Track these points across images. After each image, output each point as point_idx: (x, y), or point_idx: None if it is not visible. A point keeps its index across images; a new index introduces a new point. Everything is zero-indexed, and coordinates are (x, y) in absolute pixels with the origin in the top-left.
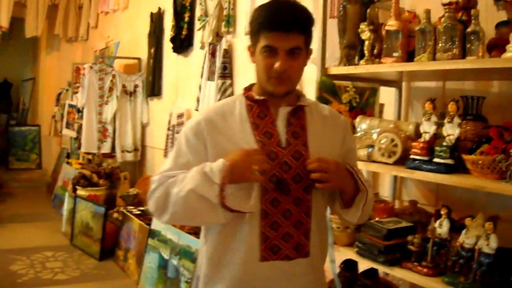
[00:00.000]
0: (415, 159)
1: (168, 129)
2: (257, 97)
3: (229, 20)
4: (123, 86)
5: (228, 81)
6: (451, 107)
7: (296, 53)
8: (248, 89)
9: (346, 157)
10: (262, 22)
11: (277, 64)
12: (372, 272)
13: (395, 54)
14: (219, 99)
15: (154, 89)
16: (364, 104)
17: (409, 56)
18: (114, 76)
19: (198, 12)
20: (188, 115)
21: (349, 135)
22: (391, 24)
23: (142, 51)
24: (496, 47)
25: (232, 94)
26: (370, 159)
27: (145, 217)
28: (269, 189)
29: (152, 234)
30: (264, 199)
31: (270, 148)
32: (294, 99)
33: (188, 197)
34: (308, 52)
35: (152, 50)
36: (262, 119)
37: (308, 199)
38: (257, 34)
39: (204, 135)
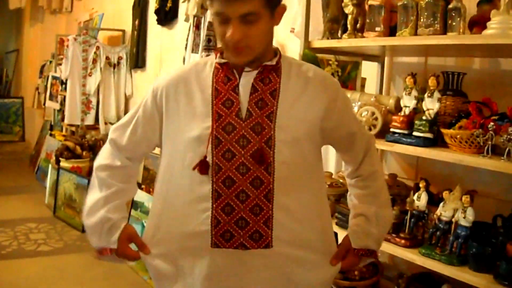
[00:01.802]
0: (395, 133)
1: None
2: (218, 59)
3: None
4: (107, 58)
5: (214, 51)
6: (431, 82)
7: (250, 19)
8: (221, 50)
9: (339, 125)
10: None
11: (228, 33)
12: None
13: (377, 29)
14: None
15: (138, 61)
16: (346, 77)
17: (391, 31)
18: (98, 48)
19: None
20: None
21: (340, 99)
22: None
23: (127, 23)
24: (477, 24)
25: None
26: None
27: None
28: (223, 166)
29: (135, 205)
30: (215, 177)
31: (228, 120)
32: (265, 60)
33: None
34: (277, 11)
35: (137, 22)
36: (225, 84)
37: (270, 180)
38: None
39: (161, 101)
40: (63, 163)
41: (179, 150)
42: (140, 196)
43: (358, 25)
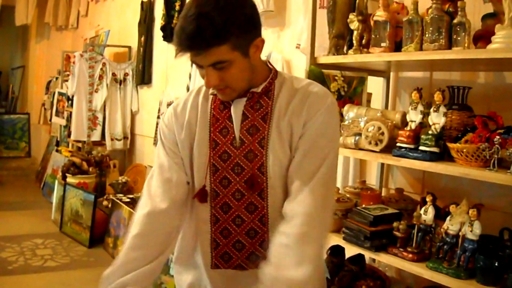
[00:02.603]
0: (401, 147)
1: (158, 117)
2: (211, 90)
3: None
4: (113, 74)
5: None
6: (437, 96)
7: (221, 67)
8: None
9: (301, 139)
10: (176, 42)
11: (204, 79)
12: (359, 258)
13: (383, 44)
14: None
15: (144, 77)
16: (352, 93)
17: (397, 47)
18: (104, 64)
19: (188, 0)
20: None
21: (318, 118)
22: (380, 14)
23: (132, 40)
24: (481, 39)
25: None
26: (357, 147)
27: (134, 204)
28: (220, 193)
29: None
30: (214, 203)
31: (223, 148)
32: (254, 86)
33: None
34: (250, 49)
35: (142, 39)
36: (221, 111)
37: (264, 205)
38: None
39: (173, 128)
40: (70, 179)
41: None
42: None
43: (363, 41)
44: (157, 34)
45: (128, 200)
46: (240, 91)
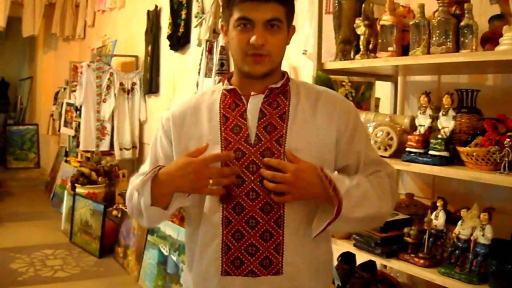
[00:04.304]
0: (410, 152)
1: None
2: (225, 86)
3: None
4: (121, 84)
5: (222, 78)
6: (446, 100)
7: (275, 25)
8: (229, 76)
9: (347, 149)
10: None
11: (253, 38)
12: (370, 264)
13: (390, 49)
14: None
15: (151, 86)
16: (360, 98)
17: (404, 51)
18: (111, 74)
19: (194, 9)
20: None
21: (352, 121)
22: (386, 19)
23: (139, 49)
24: (489, 41)
25: None
26: None
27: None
28: (233, 193)
29: (151, 230)
30: (225, 203)
31: (237, 146)
32: (272, 83)
33: (138, 204)
34: (290, 29)
35: (149, 48)
36: (233, 110)
37: (280, 206)
38: (230, 6)
39: (170, 133)
40: (79, 189)
41: None
42: None
43: (370, 46)
44: (164, 43)
45: None
46: (272, 66)
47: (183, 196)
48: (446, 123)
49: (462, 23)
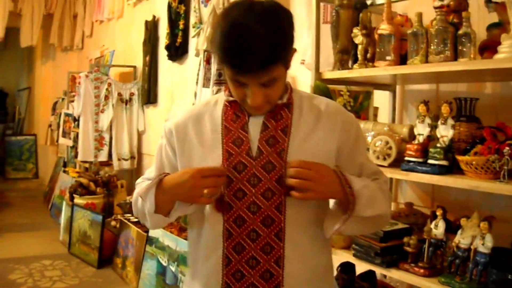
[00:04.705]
0: (409, 161)
1: None
2: (226, 97)
3: None
4: (119, 94)
5: (224, 88)
6: (444, 108)
7: (270, 84)
8: None
9: (349, 161)
10: (224, 60)
11: (249, 100)
12: (369, 274)
13: (388, 58)
14: None
15: (149, 96)
16: (358, 107)
17: (402, 59)
18: (109, 84)
19: (192, 19)
20: None
21: (354, 132)
22: (384, 28)
23: (137, 59)
24: (487, 49)
25: None
26: None
27: (143, 224)
28: (234, 205)
29: (150, 241)
30: (227, 216)
31: (238, 159)
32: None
33: (142, 209)
34: (289, 60)
35: (147, 58)
36: (234, 122)
37: (281, 219)
38: (221, 62)
39: (173, 143)
40: (77, 200)
41: None
42: (155, 231)
43: (368, 55)
44: (162, 53)
45: (136, 220)
46: (274, 104)
47: (185, 204)
48: (445, 132)
49: (460, 32)
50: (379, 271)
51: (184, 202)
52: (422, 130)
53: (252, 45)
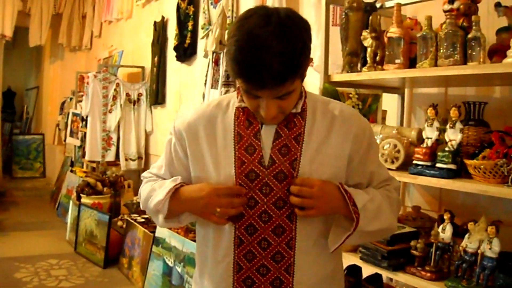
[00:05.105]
0: (417, 165)
1: None
2: (238, 103)
3: None
4: (127, 94)
5: (232, 89)
6: (453, 112)
7: (285, 97)
8: None
9: (361, 168)
10: (238, 73)
11: (263, 112)
12: (376, 277)
13: (397, 61)
14: None
15: (157, 97)
16: (367, 110)
17: (411, 63)
18: (118, 84)
19: (201, 20)
20: None
21: (367, 139)
22: (393, 31)
23: (146, 60)
24: (497, 53)
25: None
26: None
27: (149, 225)
28: (246, 214)
29: (156, 241)
30: (238, 224)
31: (250, 167)
32: None
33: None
34: (305, 71)
35: (156, 59)
36: (247, 128)
37: (292, 228)
38: (234, 75)
39: (184, 145)
40: (84, 199)
41: None
42: (161, 232)
43: (377, 58)
44: (171, 54)
45: (142, 220)
46: (288, 113)
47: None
48: (454, 136)
49: (470, 36)
50: (385, 274)
51: (195, 215)
52: (430, 134)
53: (268, 61)
